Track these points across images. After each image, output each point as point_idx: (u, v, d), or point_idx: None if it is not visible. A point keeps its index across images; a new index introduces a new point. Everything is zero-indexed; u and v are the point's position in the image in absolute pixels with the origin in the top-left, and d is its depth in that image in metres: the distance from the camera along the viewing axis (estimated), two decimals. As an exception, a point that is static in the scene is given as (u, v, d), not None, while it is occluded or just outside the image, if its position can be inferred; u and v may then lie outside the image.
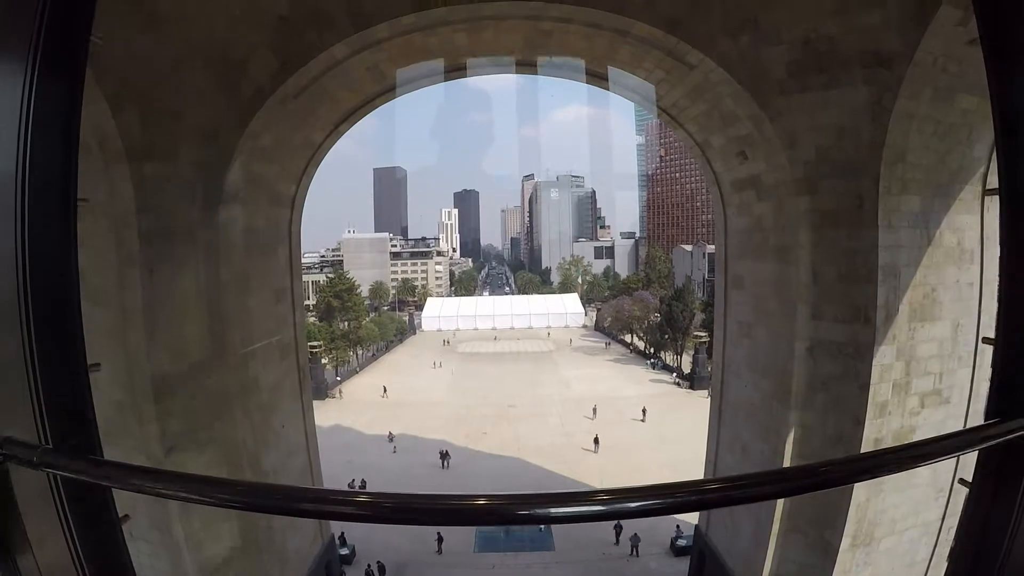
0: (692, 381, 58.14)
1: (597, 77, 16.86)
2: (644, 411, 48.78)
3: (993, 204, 13.70)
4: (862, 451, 13.39)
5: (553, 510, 1.89)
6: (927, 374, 13.85)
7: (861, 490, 13.68)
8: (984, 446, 2.21)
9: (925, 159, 12.67)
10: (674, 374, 64.28)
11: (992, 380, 2.32)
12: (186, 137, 12.50)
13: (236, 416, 14.64)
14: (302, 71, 12.88)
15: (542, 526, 30.19)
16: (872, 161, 12.26)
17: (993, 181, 12.81)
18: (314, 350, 52.92)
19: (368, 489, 35.39)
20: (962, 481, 2.33)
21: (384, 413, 51.02)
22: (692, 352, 61.69)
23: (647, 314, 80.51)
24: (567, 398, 56.06)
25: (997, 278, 2.39)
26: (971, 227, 13.80)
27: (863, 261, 12.84)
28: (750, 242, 16.13)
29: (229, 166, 13.11)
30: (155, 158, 12.24)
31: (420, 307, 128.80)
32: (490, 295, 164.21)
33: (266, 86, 12.80)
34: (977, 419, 2.27)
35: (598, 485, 30.97)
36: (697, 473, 23.09)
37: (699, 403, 43.59)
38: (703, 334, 58.00)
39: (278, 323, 17.02)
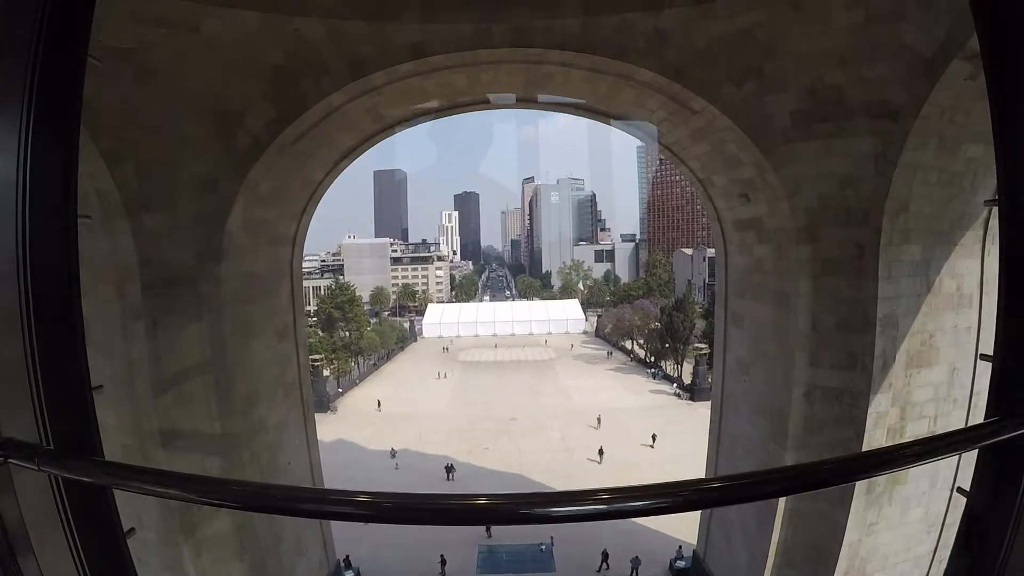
0: (692, 392, 57.84)
1: (599, 113, 16.83)
2: (654, 437, 45.39)
3: (994, 248, 13.67)
4: (855, 494, 13.58)
5: (554, 509, 1.89)
6: (922, 418, 13.91)
7: (853, 531, 13.78)
8: (983, 444, 2.24)
9: (927, 208, 12.60)
10: (674, 384, 64.13)
11: (991, 380, 2.32)
12: (184, 188, 12.43)
13: (244, 458, 14.67)
14: (299, 120, 12.81)
15: (543, 547, 30.34)
16: (874, 211, 12.19)
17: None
18: (316, 363, 52.89)
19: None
20: (960, 490, 2.37)
21: (385, 427, 50.90)
22: (692, 363, 61.50)
23: (647, 323, 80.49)
24: (568, 410, 55.90)
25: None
26: (971, 272, 13.78)
27: (862, 311, 12.81)
28: (750, 282, 16.07)
29: (228, 215, 13.04)
30: (154, 210, 12.17)
31: (421, 312, 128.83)
32: (491, 300, 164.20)
33: (263, 135, 12.73)
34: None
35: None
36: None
37: (701, 415, 43.44)
38: (703, 346, 57.88)
39: (281, 362, 16.97)
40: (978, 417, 2.48)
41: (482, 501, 1.83)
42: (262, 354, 15.72)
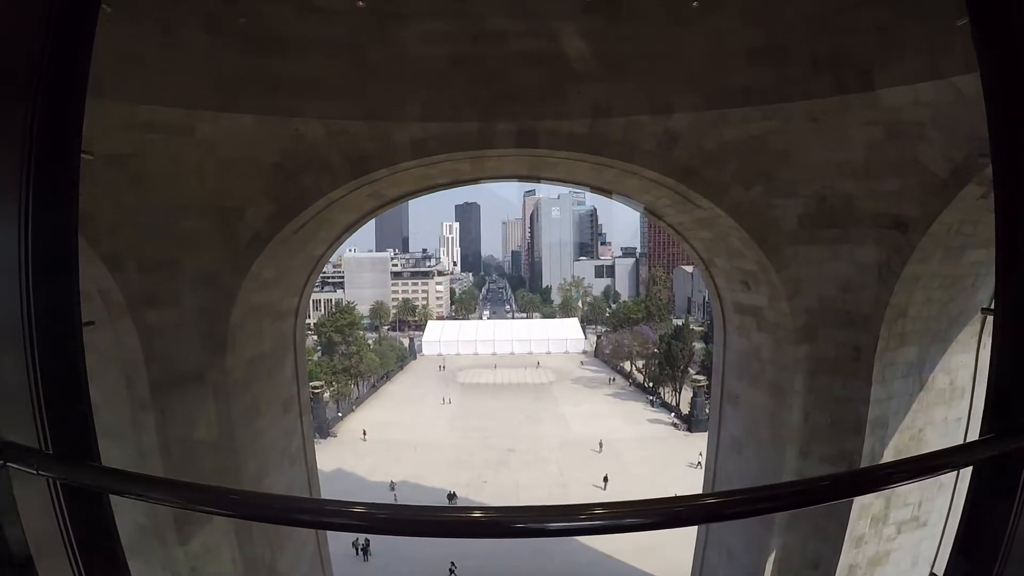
0: (690, 424, 57.86)
1: (602, 191, 16.91)
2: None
3: (988, 339, 13.74)
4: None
5: (549, 524, 1.91)
6: (906, 505, 13.97)
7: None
8: (979, 459, 2.27)
9: (927, 311, 12.60)
10: (672, 414, 64.08)
11: (987, 398, 2.33)
12: (187, 284, 12.34)
13: (253, 533, 14.58)
14: (300, 216, 12.79)
15: (543, 590, 30.43)
16: (874, 317, 12.16)
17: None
18: (316, 390, 52.80)
19: (372, 547, 35.54)
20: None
21: (384, 456, 51.00)
22: (691, 394, 61.45)
23: (647, 348, 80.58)
24: (566, 440, 55.89)
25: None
26: (965, 366, 13.78)
27: (853, 411, 12.81)
28: (748, 367, 16.01)
29: (233, 306, 13.01)
30: (157, 306, 12.11)
31: (420, 328, 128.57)
32: (490, 315, 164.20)
33: (264, 230, 12.60)
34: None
35: (607, 549, 31.21)
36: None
37: (699, 446, 43.32)
38: (701, 378, 57.66)
39: (287, 433, 16.93)
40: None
41: (477, 514, 1.84)
42: (268, 431, 15.67)
